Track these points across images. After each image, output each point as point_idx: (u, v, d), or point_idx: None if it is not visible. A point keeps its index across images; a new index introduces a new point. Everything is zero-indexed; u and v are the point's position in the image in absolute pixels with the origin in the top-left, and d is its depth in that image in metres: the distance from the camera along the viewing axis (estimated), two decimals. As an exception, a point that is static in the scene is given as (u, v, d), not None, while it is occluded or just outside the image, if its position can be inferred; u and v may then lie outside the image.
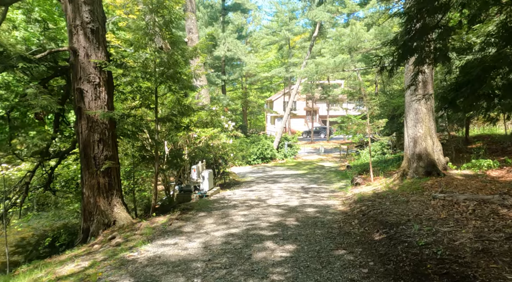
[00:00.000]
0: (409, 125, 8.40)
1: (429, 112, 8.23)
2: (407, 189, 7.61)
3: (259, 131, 38.51)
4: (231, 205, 8.60)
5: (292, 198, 9.53)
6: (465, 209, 5.28)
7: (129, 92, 6.93)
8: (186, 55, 7.36)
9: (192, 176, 10.46)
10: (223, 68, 22.89)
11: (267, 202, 8.96)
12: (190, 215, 7.38)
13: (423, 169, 8.00)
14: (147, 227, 6.21)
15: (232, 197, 9.97)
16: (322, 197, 9.61)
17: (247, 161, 21.77)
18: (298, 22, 35.33)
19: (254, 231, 5.99)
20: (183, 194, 10.08)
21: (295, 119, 47.12)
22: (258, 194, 10.36)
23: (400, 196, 7.17)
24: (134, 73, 6.49)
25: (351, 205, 7.84)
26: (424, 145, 8.09)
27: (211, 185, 10.82)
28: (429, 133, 8.16)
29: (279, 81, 43.88)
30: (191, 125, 7.86)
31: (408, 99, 8.38)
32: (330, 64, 19.89)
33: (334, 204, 8.41)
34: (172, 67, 7.05)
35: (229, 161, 11.74)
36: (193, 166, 10.42)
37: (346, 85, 34.71)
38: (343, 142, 34.07)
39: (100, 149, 6.26)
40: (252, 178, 15.95)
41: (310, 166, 20.78)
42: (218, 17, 23.57)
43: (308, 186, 12.38)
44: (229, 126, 12.10)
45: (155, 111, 7.25)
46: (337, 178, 14.94)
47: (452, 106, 4.13)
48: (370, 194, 8.16)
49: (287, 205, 8.36)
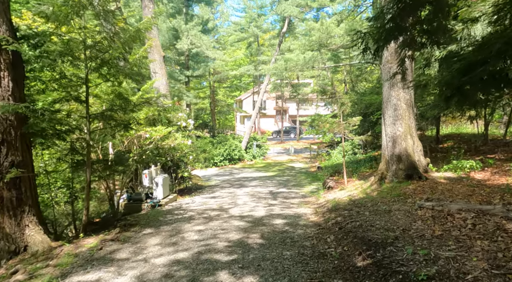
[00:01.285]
0: (387, 123, 7.54)
1: (409, 108, 7.40)
2: (387, 195, 6.70)
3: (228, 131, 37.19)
4: (187, 216, 7.30)
5: (258, 205, 8.38)
6: (463, 222, 4.37)
7: (51, 80, 5.44)
8: (126, 37, 5.97)
9: (143, 182, 9.02)
10: (186, 63, 21.32)
11: (230, 211, 7.74)
12: (131, 233, 6.00)
13: (403, 171, 7.14)
14: (68, 254, 4.78)
15: (190, 206, 8.66)
16: (292, 204, 8.54)
17: (213, 163, 20.41)
18: (267, 19, 34.42)
19: (207, 255, 4.76)
20: (132, 204, 8.62)
21: (264, 119, 46.25)
22: (221, 202, 9.11)
23: (381, 204, 6.22)
24: (53, 56, 5.02)
25: (325, 214, 6.81)
26: (404, 145, 7.24)
27: (167, 192, 9.42)
28: (409, 132, 7.33)
29: (248, 80, 42.80)
30: (133, 123, 6.48)
31: (386, 94, 7.51)
32: (299, 60, 19.01)
33: (305, 213, 7.35)
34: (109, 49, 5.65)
35: (188, 164, 10.40)
36: (145, 170, 8.99)
37: (316, 84, 34.27)
38: (313, 141, 33.58)
39: (3, 153, 4.75)
40: (217, 181, 14.66)
41: (280, 167, 19.80)
42: (181, 8, 22.01)
43: (277, 190, 11.31)
44: (188, 125, 10.74)
45: (86, 105, 5.80)
46: (308, 180, 14.02)
47: (460, 94, 3.18)
48: (346, 201, 7.18)
49: (252, 216, 7.19)
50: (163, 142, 8.60)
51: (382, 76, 7.68)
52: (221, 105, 42.23)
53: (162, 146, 8.55)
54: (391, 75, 6.61)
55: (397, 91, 7.30)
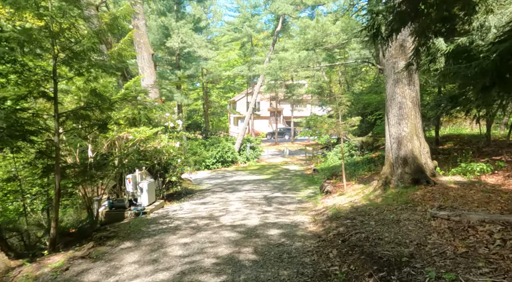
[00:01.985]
0: (392, 122, 6.93)
1: (415, 106, 6.81)
2: (393, 202, 6.08)
3: (221, 133, 36.47)
4: (172, 226, 6.60)
5: (251, 213, 7.72)
6: (489, 237, 3.75)
7: (10, 73, 4.71)
8: (102, 26, 5.28)
9: (127, 188, 8.29)
10: (177, 62, 20.55)
11: (220, 220, 7.07)
12: (107, 248, 5.29)
13: (410, 175, 6.54)
14: (27, 277, 4.06)
15: (177, 214, 7.96)
16: (288, 211, 7.89)
17: (206, 165, 19.68)
18: (261, 19, 33.82)
19: (192, 275, 4.08)
20: (114, 212, 7.89)
21: (259, 121, 45.61)
22: (211, 208, 8.43)
23: (387, 213, 5.60)
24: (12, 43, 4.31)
25: (325, 223, 6.17)
26: (410, 147, 6.64)
27: (153, 198, 8.70)
28: (415, 133, 6.74)
29: (242, 81, 42.13)
30: (110, 123, 5.78)
31: (390, 91, 6.91)
32: (294, 59, 18.42)
33: (303, 221, 6.71)
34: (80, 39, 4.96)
35: (177, 168, 9.69)
36: (128, 175, 8.26)
37: (310, 85, 33.74)
38: (307, 143, 33.04)
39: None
40: (209, 185, 13.96)
41: (274, 170, 19.16)
42: (172, 6, 21.27)
43: (271, 194, 10.65)
44: (177, 126, 10.03)
45: (55, 102, 5.09)
46: (304, 183, 13.39)
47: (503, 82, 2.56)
48: (348, 208, 6.55)
49: (244, 225, 6.52)
50: (147, 144, 7.89)
51: (386, 73, 7.09)
52: (214, 107, 41.49)
53: (146, 149, 7.84)
54: (398, 70, 6.02)
55: (402, 88, 6.70)
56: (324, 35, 17.40)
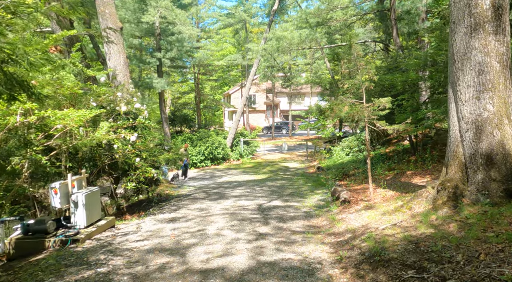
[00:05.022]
0: (464, 97, 4.23)
1: (504, 70, 4.13)
2: (481, 233, 3.43)
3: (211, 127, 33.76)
4: (103, 273, 3.92)
5: (239, 240, 5.06)
6: None
7: None
8: None
9: (52, 202, 5.57)
10: (157, 43, 17.63)
11: (187, 257, 4.40)
12: None
13: (501, 184, 3.89)
14: None
15: (127, 242, 5.27)
16: (294, 234, 5.24)
17: (192, 163, 17.00)
18: (255, 2, 31.01)
19: None
20: (29, 239, 5.19)
21: (254, 114, 42.85)
22: (181, 230, 5.76)
23: (487, 259, 2.96)
24: None
25: (362, 271, 3.51)
26: (498, 136, 3.98)
27: (95, 215, 5.99)
28: (505, 113, 4.09)
29: (238, 74, 39.26)
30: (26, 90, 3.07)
31: (462, 46, 4.18)
32: (294, 38, 15.65)
33: (320, 259, 4.06)
34: None
35: (138, 169, 7.00)
36: (54, 183, 5.53)
37: (310, 74, 31.03)
38: (307, 137, 30.42)
39: None
40: (191, 188, 11.28)
41: (272, 168, 16.51)
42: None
43: (268, 203, 7.98)
44: (140, 113, 7.27)
45: None
46: (309, 185, 10.75)
47: None
48: (398, 241, 3.87)
49: (223, 270, 3.86)
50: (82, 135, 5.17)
51: (452, 17, 4.39)
52: (208, 100, 38.59)
53: (79, 143, 5.12)
54: (477, 10, 3.38)
55: (485, 39, 4.02)
56: (330, 8, 14.67)
